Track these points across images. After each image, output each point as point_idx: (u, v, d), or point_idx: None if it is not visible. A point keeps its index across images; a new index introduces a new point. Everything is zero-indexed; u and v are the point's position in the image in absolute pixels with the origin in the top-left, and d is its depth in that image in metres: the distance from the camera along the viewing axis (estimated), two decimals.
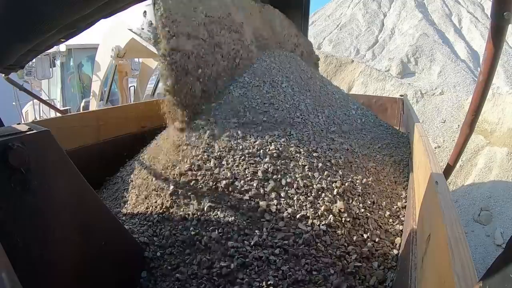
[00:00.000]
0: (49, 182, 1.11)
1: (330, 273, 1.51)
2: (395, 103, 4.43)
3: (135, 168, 2.42)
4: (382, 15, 15.97)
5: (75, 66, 6.86)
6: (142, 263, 1.59)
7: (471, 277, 0.69)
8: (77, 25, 1.16)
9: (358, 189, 2.01)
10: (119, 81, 5.48)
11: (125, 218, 1.92)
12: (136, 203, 2.03)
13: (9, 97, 6.90)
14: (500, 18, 1.93)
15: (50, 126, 1.14)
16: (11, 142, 0.97)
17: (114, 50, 4.26)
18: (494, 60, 2.17)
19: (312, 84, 3.15)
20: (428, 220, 1.16)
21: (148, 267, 1.59)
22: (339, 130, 2.59)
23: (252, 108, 2.36)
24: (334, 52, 13.02)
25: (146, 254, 1.63)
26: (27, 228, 1.04)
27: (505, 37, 2.15)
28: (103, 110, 3.84)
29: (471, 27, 13.61)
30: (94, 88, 5.34)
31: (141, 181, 2.17)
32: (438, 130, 8.60)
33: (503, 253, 0.54)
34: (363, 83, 10.61)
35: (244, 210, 1.76)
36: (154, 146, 2.52)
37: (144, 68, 5.73)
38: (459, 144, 2.73)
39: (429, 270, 0.96)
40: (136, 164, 2.47)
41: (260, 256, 1.55)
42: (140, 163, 2.40)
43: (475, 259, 5.13)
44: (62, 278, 1.18)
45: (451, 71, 10.76)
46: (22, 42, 1.20)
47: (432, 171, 1.31)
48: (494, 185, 6.76)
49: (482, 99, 2.39)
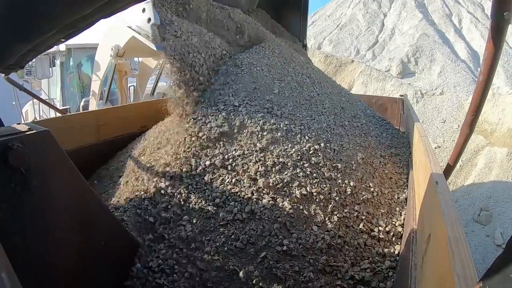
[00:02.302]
0: (49, 182, 1.11)
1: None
2: (395, 103, 4.43)
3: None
4: (382, 15, 15.97)
5: (75, 65, 6.86)
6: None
7: (471, 277, 0.69)
8: (77, 25, 1.16)
9: (358, 189, 2.01)
10: (119, 80, 5.47)
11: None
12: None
13: (9, 97, 6.90)
14: (500, 18, 1.93)
15: (50, 126, 1.14)
16: (11, 142, 0.97)
17: (114, 49, 4.20)
18: (494, 60, 2.17)
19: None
20: (428, 220, 1.16)
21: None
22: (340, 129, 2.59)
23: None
24: (334, 52, 13.03)
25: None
26: (27, 228, 1.04)
27: (505, 37, 2.15)
28: (103, 110, 3.85)
29: (471, 27, 13.62)
30: (94, 87, 5.34)
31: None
32: (438, 130, 8.60)
33: (503, 253, 0.54)
34: (363, 83, 10.62)
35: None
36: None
37: (143, 68, 5.73)
38: (459, 144, 2.73)
39: (429, 270, 0.96)
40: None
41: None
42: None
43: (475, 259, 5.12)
44: (62, 278, 1.18)
45: (451, 71, 10.77)
46: (22, 42, 1.20)
47: (432, 171, 1.31)
48: (494, 185, 6.76)
49: (482, 99, 2.38)
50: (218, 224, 1.71)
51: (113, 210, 1.73)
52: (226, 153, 2.07)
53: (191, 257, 1.58)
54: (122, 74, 5.39)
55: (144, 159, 2.38)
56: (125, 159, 2.66)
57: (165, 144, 2.37)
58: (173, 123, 2.50)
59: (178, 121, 2.42)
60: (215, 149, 2.11)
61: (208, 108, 2.37)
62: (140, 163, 2.32)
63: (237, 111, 2.34)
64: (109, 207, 1.93)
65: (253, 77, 2.67)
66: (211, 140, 2.16)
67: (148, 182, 2.02)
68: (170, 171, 2.02)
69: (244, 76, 2.66)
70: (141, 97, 5.72)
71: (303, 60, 3.54)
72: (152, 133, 2.81)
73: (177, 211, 1.80)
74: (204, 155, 2.08)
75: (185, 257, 1.58)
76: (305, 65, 3.34)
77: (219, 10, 3.15)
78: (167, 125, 2.68)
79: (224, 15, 3.18)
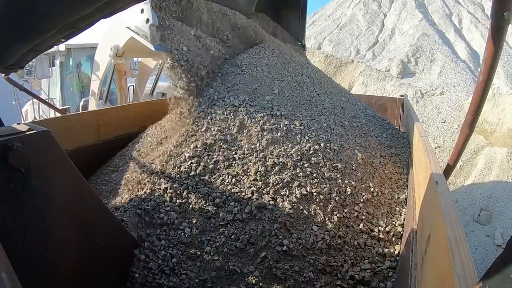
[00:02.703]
0: (49, 182, 1.11)
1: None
2: (395, 103, 4.43)
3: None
4: (382, 15, 15.98)
5: (74, 65, 6.88)
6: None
7: (471, 277, 0.68)
8: (77, 25, 1.16)
9: (358, 189, 2.01)
10: (118, 80, 5.51)
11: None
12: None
13: (9, 97, 6.90)
14: (500, 18, 1.93)
15: (50, 126, 1.14)
16: (11, 142, 0.97)
17: (113, 49, 4.22)
18: (494, 60, 2.17)
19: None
20: (428, 220, 1.16)
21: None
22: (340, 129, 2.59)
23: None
24: (334, 52, 13.03)
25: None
26: (27, 228, 1.04)
27: (505, 37, 2.14)
28: (103, 110, 3.85)
29: (471, 27, 13.62)
30: (93, 87, 5.38)
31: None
32: (438, 130, 8.60)
33: (503, 254, 0.54)
34: (363, 83, 10.62)
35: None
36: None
37: (142, 68, 5.77)
38: (459, 144, 2.72)
39: (429, 270, 0.96)
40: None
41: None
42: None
43: (475, 259, 5.13)
44: (62, 278, 1.18)
45: (451, 71, 10.77)
46: (22, 42, 1.20)
47: (432, 171, 1.31)
48: (494, 185, 6.76)
49: (482, 99, 2.38)
50: (218, 224, 1.71)
51: (113, 210, 1.73)
52: (226, 153, 2.07)
53: (191, 258, 1.58)
54: (121, 74, 5.42)
55: (144, 159, 2.38)
56: (125, 159, 2.67)
57: (165, 144, 2.38)
58: (173, 123, 2.50)
59: (178, 121, 2.43)
60: (215, 149, 2.11)
61: (208, 108, 2.38)
62: (140, 163, 2.32)
63: (237, 111, 2.34)
64: (109, 207, 1.93)
65: (253, 77, 2.67)
66: (211, 140, 2.16)
67: (148, 182, 2.02)
68: (170, 171, 2.02)
69: (244, 76, 2.66)
70: (141, 97, 5.74)
71: (303, 60, 3.55)
72: (152, 133, 2.81)
73: (177, 211, 1.80)
74: (204, 155, 2.08)
75: (185, 257, 1.59)
76: (305, 65, 3.34)
77: (219, 12, 3.16)
78: (166, 125, 2.68)
79: (224, 17, 3.18)
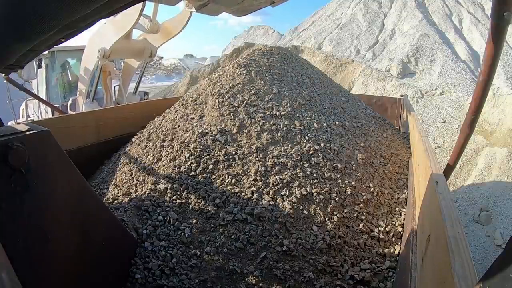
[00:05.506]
0: (49, 182, 1.11)
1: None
2: (395, 103, 4.43)
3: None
4: (382, 15, 15.97)
5: (58, 66, 7.06)
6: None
7: (471, 277, 0.68)
8: (77, 25, 1.16)
9: (358, 189, 2.01)
10: (103, 80, 5.78)
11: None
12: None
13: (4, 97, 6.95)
14: (500, 18, 1.92)
15: (50, 126, 1.14)
16: (11, 142, 0.97)
17: (100, 51, 4.61)
18: (494, 60, 2.16)
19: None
20: (428, 220, 1.16)
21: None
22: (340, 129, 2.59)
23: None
24: (334, 52, 13.03)
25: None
26: (27, 228, 1.04)
27: (505, 37, 2.14)
28: (103, 110, 3.89)
29: (472, 28, 13.61)
30: (81, 87, 5.59)
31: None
32: (438, 130, 8.60)
33: (503, 254, 0.54)
34: (363, 83, 10.61)
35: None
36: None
37: (126, 67, 6.03)
38: (459, 144, 2.72)
39: (429, 270, 0.96)
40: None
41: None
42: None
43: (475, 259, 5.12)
44: (62, 278, 1.18)
45: (451, 71, 10.76)
46: (22, 42, 1.20)
47: (432, 171, 1.31)
48: (494, 185, 6.76)
49: (482, 100, 2.38)
50: (218, 224, 1.71)
51: (113, 210, 1.73)
52: (226, 153, 2.07)
53: (191, 258, 1.58)
54: (106, 74, 5.70)
55: (143, 159, 2.38)
56: (125, 159, 2.67)
57: (165, 144, 2.37)
58: (173, 122, 2.51)
59: (179, 121, 2.43)
60: (215, 149, 2.11)
61: (208, 109, 2.38)
62: (139, 163, 2.32)
63: (237, 111, 2.34)
64: (109, 207, 1.94)
65: (252, 77, 2.67)
66: (211, 141, 2.16)
67: (148, 183, 2.02)
68: (170, 171, 2.02)
69: (244, 76, 2.66)
70: (124, 95, 5.98)
71: (303, 60, 3.55)
72: (151, 133, 2.80)
73: (177, 212, 1.80)
74: (204, 155, 2.08)
75: (185, 257, 1.59)
76: (305, 65, 3.34)
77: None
78: (166, 125, 2.68)
79: None
